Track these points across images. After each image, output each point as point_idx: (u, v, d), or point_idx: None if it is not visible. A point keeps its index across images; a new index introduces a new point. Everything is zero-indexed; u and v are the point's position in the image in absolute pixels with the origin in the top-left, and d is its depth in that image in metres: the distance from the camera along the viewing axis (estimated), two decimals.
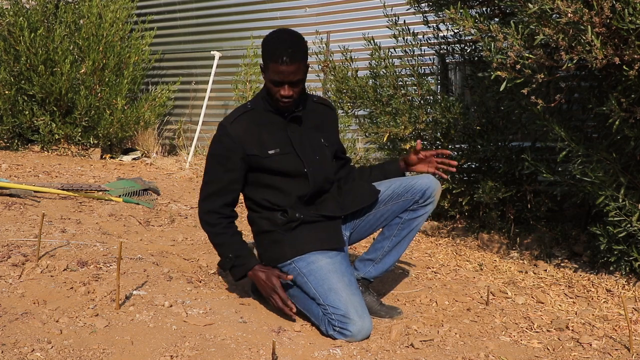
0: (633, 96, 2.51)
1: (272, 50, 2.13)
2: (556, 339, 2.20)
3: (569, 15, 2.26)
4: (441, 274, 2.97)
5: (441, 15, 3.59)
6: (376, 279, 2.49)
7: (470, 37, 3.44)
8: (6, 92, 5.56)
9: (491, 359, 2.02)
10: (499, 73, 2.53)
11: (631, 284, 2.78)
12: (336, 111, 2.50)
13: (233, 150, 2.20)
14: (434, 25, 3.80)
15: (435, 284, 2.81)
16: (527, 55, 2.46)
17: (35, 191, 3.56)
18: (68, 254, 2.56)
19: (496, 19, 3.20)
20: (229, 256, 2.24)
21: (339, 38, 5.35)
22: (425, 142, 3.80)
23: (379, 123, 3.72)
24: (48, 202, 3.48)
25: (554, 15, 2.38)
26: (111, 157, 6.10)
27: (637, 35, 2.24)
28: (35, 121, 5.74)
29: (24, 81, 5.71)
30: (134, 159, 6.19)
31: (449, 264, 3.15)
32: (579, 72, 2.88)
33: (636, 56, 2.25)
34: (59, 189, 3.69)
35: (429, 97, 3.74)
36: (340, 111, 4.02)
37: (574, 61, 2.36)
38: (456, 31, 3.72)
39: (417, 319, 2.35)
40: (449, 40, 3.84)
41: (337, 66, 4.02)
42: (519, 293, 2.69)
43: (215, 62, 6.15)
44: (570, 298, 2.66)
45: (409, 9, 3.83)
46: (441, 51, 3.94)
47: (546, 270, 3.04)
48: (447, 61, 4.15)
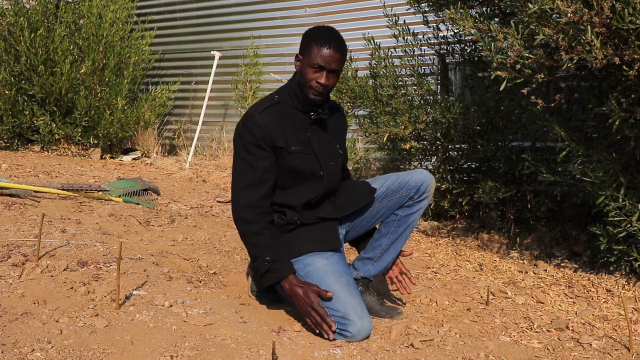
0: (633, 96, 2.51)
1: (320, 35, 2.14)
2: (556, 339, 2.20)
3: (569, 15, 2.26)
4: (441, 274, 2.97)
5: (441, 15, 3.59)
6: (376, 279, 2.49)
7: (470, 37, 3.44)
8: (6, 92, 5.56)
9: (491, 359, 2.02)
10: (499, 73, 2.53)
11: (631, 284, 2.78)
12: (346, 118, 2.51)
13: (263, 138, 2.14)
14: (434, 25, 3.80)
15: (435, 284, 2.81)
16: (527, 55, 2.46)
17: (35, 191, 3.56)
18: (68, 254, 2.56)
19: (496, 19, 3.20)
20: (266, 259, 2.09)
21: None
22: (425, 142, 3.80)
23: (379, 123, 3.72)
24: (48, 202, 3.48)
25: (554, 15, 2.38)
26: (111, 157, 6.10)
27: (637, 35, 2.24)
28: (35, 121, 5.74)
29: (24, 81, 5.71)
30: (134, 159, 6.19)
31: (449, 264, 3.15)
32: (579, 72, 2.88)
33: (636, 56, 2.25)
34: (59, 189, 3.69)
35: (429, 97, 3.74)
36: None
37: (574, 61, 2.36)
38: (456, 31, 3.72)
39: (417, 319, 2.35)
40: (449, 40, 3.84)
41: None
42: (519, 293, 2.69)
43: (215, 62, 6.15)
44: (570, 298, 2.66)
45: (409, 9, 3.83)
46: (441, 51, 3.94)
47: (546, 270, 3.04)
48: (447, 61, 4.15)
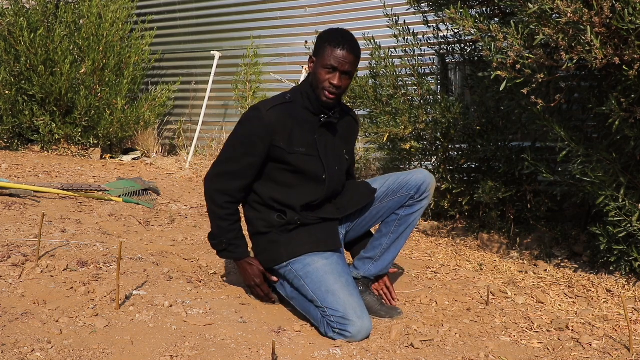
0: (633, 96, 2.51)
1: (334, 36, 2.16)
2: (556, 339, 2.20)
3: (568, 15, 2.26)
4: (441, 274, 2.97)
5: (441, 15, 3.59)
6: (376, 278, 2.49)
7: (470, 37, 3.44)
8: (6, 92, 5.56)
9: (491, 359, 2.02)
10: (499, 73, 2.53)
11: (631, 284, 2.78)
12: (359, 124, 2.51)
13: (261, 136, 2.16)
14: (434, 25, 3.80)
15: (435, 284, 2.81)
16: (527, 55, 2.46)
17: (35, 191, 3.56)
18: (68, 254, 2.56)
19: (496, 19, 3.20)
20: (223, 241, 2.27)
21: None
22: (425, 142, 3.80)
23: (379, 123, 3.72)
24: (48, 202, 3.48)
25: (554, 15, 2.38)
26: (111, 157, 6.10)
27: (637, 35, 2.24)
28: (35, 121, 5.74)
29: (24, 81, 5.71)
30: (134, 159, 6.19)
31: (449, 264, 3.15)
32: (579, 72, 2.88)
33: (636, 56, 2.25)
34: (59, 189, 3.69)
35: (429, 97, 3.74)
36: None
37: (574, 61, 2.36)
38: (456, 31, 3.72)
39: (417, 319, 2.35)
40: (449, 40, 3.84)
41: None
42: (519, 293, 2.69)
43: (215, 62, 6.15)
44: (570, 298, 2.66)
45: (409, 9, 3.83)
46: (441, 51, 3.94)
47: (546, 270, 3.04)
48: (447, 61, 4.15)
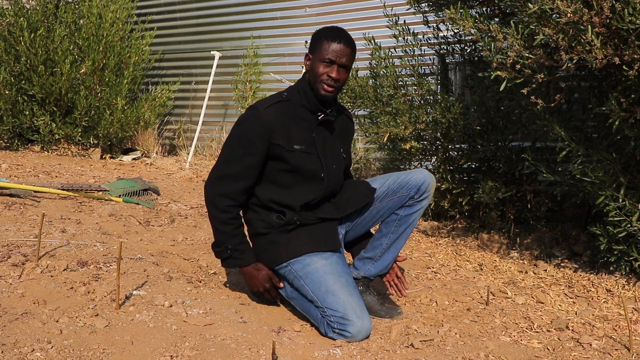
0: (633, 96, 2.51)
1: (329, 32, 2.19)
2: (556, 339, 2.20)
3: (568, 15, 2.26)
4: (441, 274, 2.97)
5: (441, 15, 3.59)
6: (376, 278, 2.49)
7: (470, 37, 3.44)
8: (6, 92, 5.56)
9: (491, 359, 2.02)
10: (499, 73, 2.53)
11: (631, 284, 2.78)
12: (354, 124, 2.52)
13: (260, 135, 2.15)
14: (434, 25, 3.80)
15: (435, 284, 2.81)
16: (527, 55, 2.46)
17: (35, 191, 3.56)
18: (68, 254, 2.56)
19: (496, 19, 3.20)
20: (228, 247, 2.22)
21: None
22: (425, 142, 3.80)
23: (379, 123, 3.72)
24: (48, 202, 3.48)
25: (554, 15, 2.38)
26: (111, 157, 6.10)
27: (637, 35, 2.24)
28: (35, 121, 5.74)
29: (24, 81, 5.71)
30: (134, 159, 6.19)
31: (449, 264, 3.15)
32: (579, 72, 2.88)
33: (636, 56, 2.25)
34: (59, 189, 3.69)
35: (429, 97, 3.74)
36: None
37: (574, 61, 2.36)
38: (456, 31, 3.72)
39: (417, 319, 2.35)
40: (449, 40, 3.84)
41: None
42: (519, 293, 2.69)
43: (215, 62, 6.15)
44: (570, 298, 2.66)
45: (409, 9, 3.83)
46: (441, 51, 3.94)
47: (546, 270, 3.04)
48: (447, 61, 4.15)
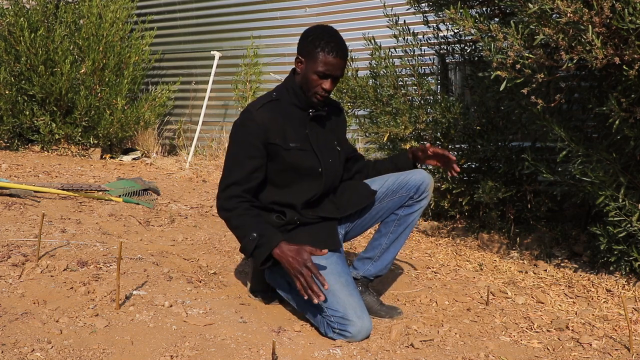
0: (633, 96, 2.51)
1: (325, 41, 2.12)
2: (556, 339, 2.20)
3: (569, 15, 2.26)
4: (441, 274, 2.97)
5: (441, 15, 3.59)
6: (376, 278, 2.49)
7: (470, 37, 3.44)
8: (6, 92, 5.56)
9: (491, 359, 2.02)
10: (499, 73, 2.53)
11: (631, 284, 2.78)
12: (344, 112, 2.50)
13: (257, 136, 2.14)
14: (434, 25, 3.80)
15: (435, 284, 2.81)
16: (527, 55, 2.46)
17: (35, 191, 3.56)
18: (68, 254, 2.56)
19: (496, 19, 3.20)
20: (252, 235, 2.06)
21: None
22: (425, 142, 3.80)
23: (379, 123, 3.72)
24: (48, 202, 3.48)
25: (554, 15, 2.38)
26: (111, 157, 6.10)
27: (637, 35, 2.24)
28: (35, 121, 5.74)
29: (24, 81, 5.71)
30: (134, 159, 6.19)
31: (449, 264, 3.15)
32: (579, 72, 2.88)
33: (636, 56, 2.25)
34: (59, 189, 3.69)
35: (429, 97, 3.74)
36: None
37: (574, 61, 2.36)
38: (456, 31, 3.72)
39: (417, 319, 2.35)
40: (449, 40, 3.84)
41: None
42: (519, 293, 2.69)
43: (215, 62, 6.15)
44: (570, 298, 2.66)
45: (409, 9, 3.83)
46: (441, 51, 3.94)
47: (546, 270, 3.04)
48: (447, 61, 4.15)
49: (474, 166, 3.75)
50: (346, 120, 2.50)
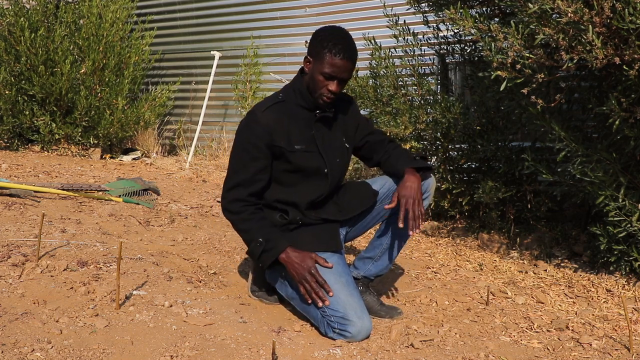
0: (633, 96, 2.51)
1: (333, 43, 2.10)
2: (556, 339, 2.20)
3: (569, 15, 2.26)
4: (441, 274, 2.97)
5: (441, 15, 3.59)
6: (376, 278, 2.49)
7: (470, 37, 3.44)
8: (6, 92, 5.56)
9: (491, 359, 2.02)
10: (499, 73, 2.53)
11: (631, 284, 2.78)
12: (355, 102, 2.44)
13: (261, 138, 2.14)
14: (434, 25, 3.80)
15: (435, 284, 2.81)
16: (527, 55, 2.45)
17: (35, 191, 3.56)
18: (68, 254, 2.56)
19: (496, 19, 3.20)
20: (259, 240, 2.12)
21: None
22: (425, 142, 3.80)
23: (379, 123, 3.72)
24: (48, 202, 3.48)
25: (554, 15, 2.38)
26: (111, 157, 6.10)
27: (638, 35, 2.24)
28: (35, 121, 5.74)
29: (24, 81, 5.71)
30: (134, 159, 6.19)
31: (449, 264, 3.15)
32: (579, 72, 2.88)
33: (636, 56, 2.25)
34: (59, 189, 3.69)
35: (429, 97, 3.74)
36: None
37: (574, 61, 2.36)
38: (456, 31, 3.72)
39: (417, 319, 2.35)
40: (449, 40, 3.84)
41: None
42: (519, 293, 2.69)
43: (215, 62, 6.15)
44: (570, 298, 2.66)
45: (409, 9, 3.83)
46: (441, 51, 3.94)
47: (546, 270, 3.04)
48: (447, 61, 4.15)
49: (474, 166, 3.75)
50: (356, 107, 2.42)
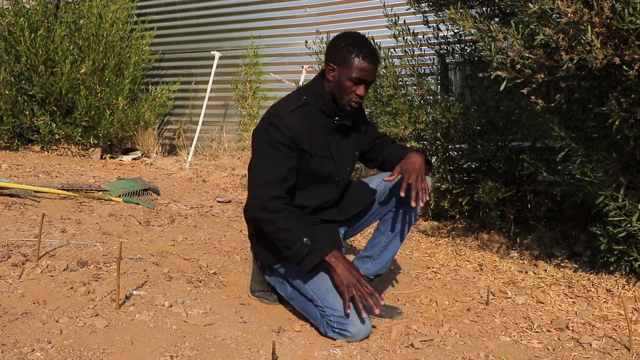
0: (633, 96, 2.51)
1: (359, 48, 2.10)
2: (556, 339, 2.20)
3: (569, 15, 2.26)
4: (441, 274, 2.97)
5: (441, 15, 3.59)
6: (376, 277, 2.49)
7: (470, 37, 3.44)
8: (6, 92, 5.56)
9: (491, 359, 2.02)
10: (499, 73, 2.53)
11: (631, 284, 2.78)
12: (362, 106, 2.42)
13: (291, 139, 2.11)
14: (434, 25, 3.80)
15: (435, 284, 2.81)
16: (527, 55, 2.46)
17: (35, 191, 3.56)
18: (68, 254, 2.56)
19: (496, 19, 3.20)
20: (304, 240, 2.03)
21: None
22: (425, 142, 3.80)
23: (379, 123, 3.72)
24: (48, 202, 3.48)
25: (554, 15, 2.38)
26: (111, 157, 6.10)
27: (637, 35, 2.24)
28: (35, 121, 5.74)
29: (24, 81, 5.71)
30: (134, 159, 6.19)
31: (449, 264, 3.15)
32: (579, 72, 2.88)
33: (636, 56, 2.25)
34: (59, 189, 3.69)
35: (429, 97, 3.74)
36: None
37: (574, 61, 2.36)
38: (456, 31, 3.72)
39: (417, 319, 2.35)
40: (449, 40, 3.84)
41: None
42: (519, 293, 2.69)
43: (215, 62, 6.15)
44: (570, 298, 2.66)
45: (409, 9, 3.83)
46: (441, 51, 3.94)
47: (546, 270, 3.04)
48: (447, 61, 4.15)
49: (474, 166, 3.75)
50: (365, 113, 2.45)
